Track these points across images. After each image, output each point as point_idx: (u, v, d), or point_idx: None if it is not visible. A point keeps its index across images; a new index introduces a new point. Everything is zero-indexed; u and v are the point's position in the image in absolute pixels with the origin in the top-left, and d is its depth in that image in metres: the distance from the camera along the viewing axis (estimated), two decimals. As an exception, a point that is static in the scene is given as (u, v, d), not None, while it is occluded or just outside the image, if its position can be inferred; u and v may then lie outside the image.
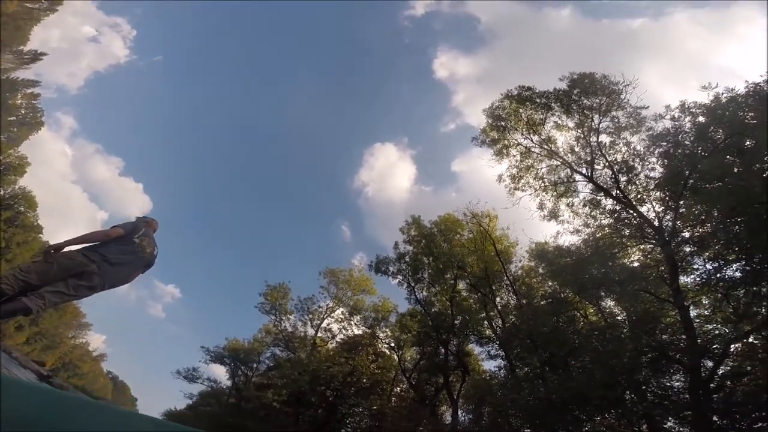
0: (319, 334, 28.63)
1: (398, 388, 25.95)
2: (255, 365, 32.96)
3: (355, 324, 26.96)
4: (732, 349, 9.60)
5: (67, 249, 3.21)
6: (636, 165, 14.97)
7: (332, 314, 27.99)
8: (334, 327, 27.88)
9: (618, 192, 14.53)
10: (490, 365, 21.26)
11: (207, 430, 24.41)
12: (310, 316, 28.65)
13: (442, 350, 22.32)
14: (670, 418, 10.31)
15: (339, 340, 27.53)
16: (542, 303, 15.71)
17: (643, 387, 11.14)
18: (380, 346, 26.16)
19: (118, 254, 3.33)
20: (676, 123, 14.26)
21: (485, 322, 19.85)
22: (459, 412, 21.84)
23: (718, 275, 10.09)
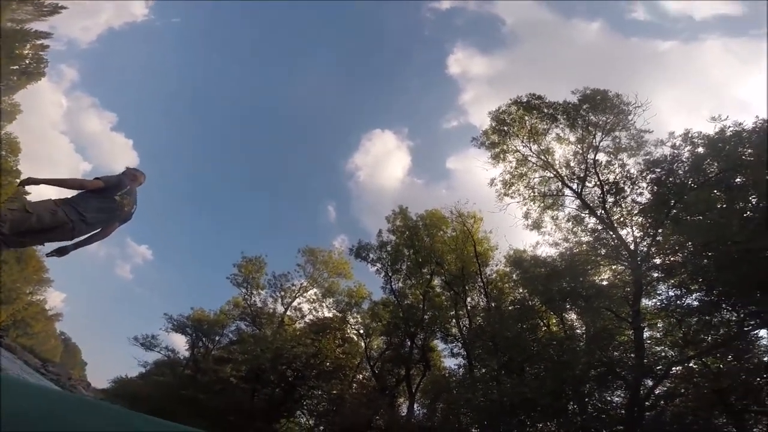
0: (288, 313, 28.76)
1: (361, 375, 26.21)
2: (217, 338, 32.78)
3: (327, 306, 27.18)
4: (672, 372, 10.02)
5: (47, 199, 3.14)
6: (626, 188, 15.27)
7: (305, 294, 28.15)
8: (305, 307, 28.05)
9: (603, 212, 14.84)
10: (450, 362, 21.86)
11: (156, 399, 24.28)
12: (282, 293, 28.72)
13: (409, 343, 22.74)
14: (604, 431, 10.73)
15: (308, 321, 27.67)
16: (510, 308, 16.11)
17: (587, 399, 11.56)
18: (349, 331, 26.39)
19: (96, 213, 3.30)
20: (675, 151, 14.50)
21: (453, 320, 20.29)
22: (415, 406, 22.39)
23: (677, 302, 10.44)
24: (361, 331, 25.72)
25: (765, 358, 8.99)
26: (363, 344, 25.46)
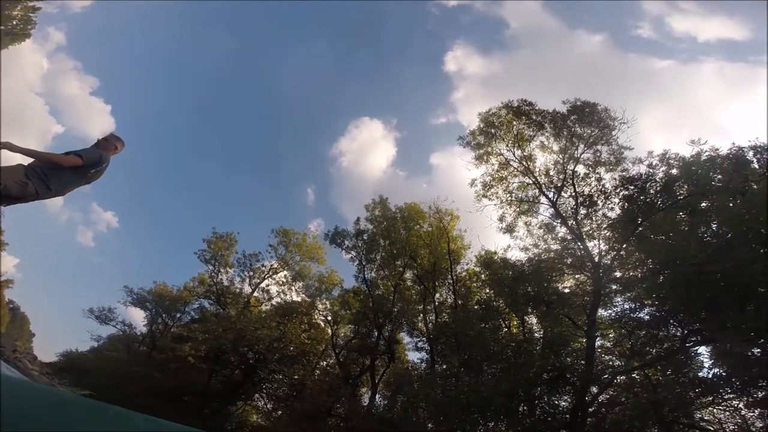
0: (255, 294, 28.53)
1: (325, 362, 26.41)
2: (178, 315, 32.26)
3: (296, 290, 27.18)
4: (616, 381, 10.71)
5: (18, 165, 3.05)
6: (599, 202, 15.90)
7: (274, 276, 27.91)
8: (273, 289, 27.92)
9: (574, 223, 15.43)
10: (414, 356, 22.37)
11: (106, 375, 23.67)
12: (251, 273, 28.34)
13: (376, 333, 23.06)
14: (548, 433, 11.40)
15: (275, 304, 27.58)
16: (476, 307, 16.63)
17: (536, 402, 12.18)
18: (316, 317, 26.49)
19: (63, 185, 3.28)
20: (651, 170, 15.16)
21: (421, 314, 20.76)
22: (377, 397, 22.82)
23: (631, 315, 11.08)
24: (329, 318, 25.91)
25: (700, 374, 9.77)
26: (330, 331, 25.65)
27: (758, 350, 8.88)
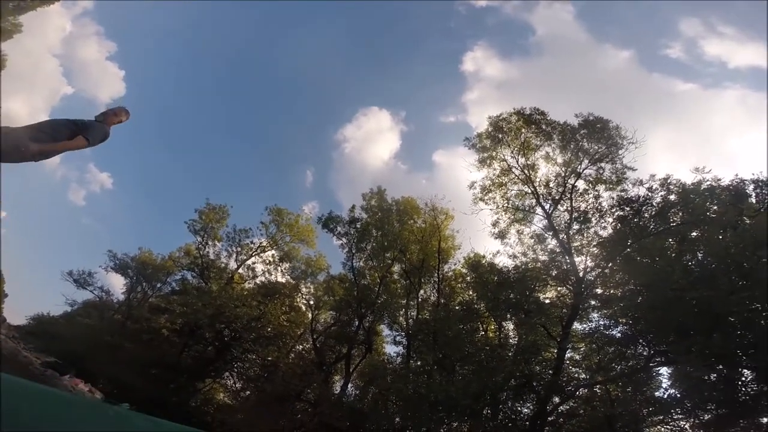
0: (240, 271, 28.48)
1: (301, 346, 26.61)
2: (159, 285, 31.83)
3: (282, 271, 27.15)
4: (578, 393, 11.12)
5: (23, 129, 3.08)
6: (593, 219, 16.20)
7: (262, 254, 27.90)
8: (259, 267, 27.83)
9: (565, 237, 15.78)
10: (391, 349, 22.77)
11: (76, 342, 23.24)
12: (239, 249, 28.31)
13: (357, 322, 23.37)
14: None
15: (258, 282, 27.52)
16: (457, 308, 17.00)
17: (501, 406, 12.60)
18: (298, 300, 26.69)
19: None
20: (650, 194, 15.40)
21: (403, 309, 21.15)
22: (350, 386, 23.16)
23: (604, 331, 11.46)
24: (311, 302, 26.21)
25: (657, 393, 10.18)
26: (310, 315, 25.89)
27: (714, 375, 9.26)
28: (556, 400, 11.27)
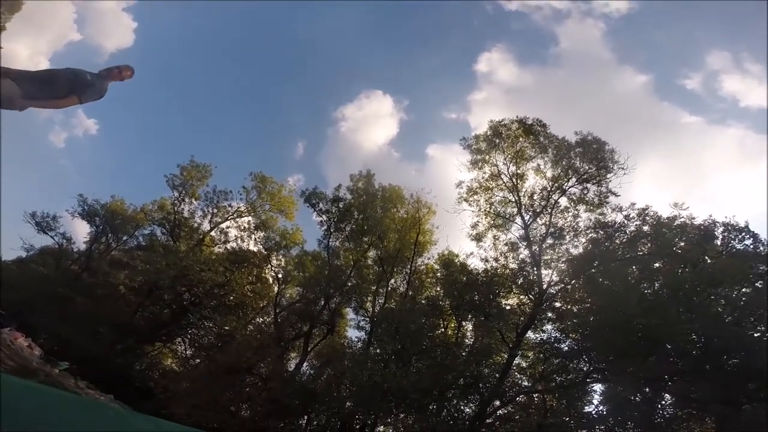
0: (213, 233, 28.27)
1: (261, 320, 26.53)
2: (125, 238, 30.61)
3: (256, 239, 27.14)
4: (518, 399, 12.20)
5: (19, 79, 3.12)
6: (567, 237, 17.20)
7: (238, 219, 27.77)
8: (233, 233, 27.69)
9: (537, 249, 16.72)
10: (353, 333, 23.48)
11: (23, 291, 22.10)
12: (215, 210, 28.05)
13: (322, 302, 23.72)
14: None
15: (229, 248, 27.32)
16: (423, 302, 17.85)
17: (446, 403, 13.58)
18: (267, 272, 26.69)
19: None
20: (625, 221, 16.43)
21: (372, 295, 21.86)
22: (305, 365, 23.62)
23: (553, 343, 12.50)
24: (280, 275, 26.23)
25: (587, 408, 11.30)
26: (276, 289, 26.05)
27: (639, 396, 10.38)
28: (497, 403, 12.29)
